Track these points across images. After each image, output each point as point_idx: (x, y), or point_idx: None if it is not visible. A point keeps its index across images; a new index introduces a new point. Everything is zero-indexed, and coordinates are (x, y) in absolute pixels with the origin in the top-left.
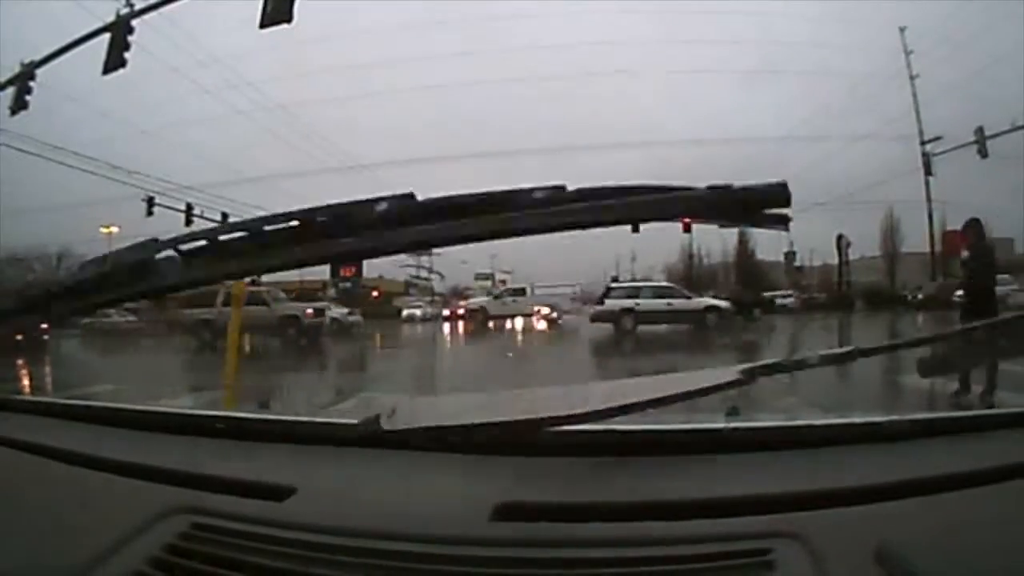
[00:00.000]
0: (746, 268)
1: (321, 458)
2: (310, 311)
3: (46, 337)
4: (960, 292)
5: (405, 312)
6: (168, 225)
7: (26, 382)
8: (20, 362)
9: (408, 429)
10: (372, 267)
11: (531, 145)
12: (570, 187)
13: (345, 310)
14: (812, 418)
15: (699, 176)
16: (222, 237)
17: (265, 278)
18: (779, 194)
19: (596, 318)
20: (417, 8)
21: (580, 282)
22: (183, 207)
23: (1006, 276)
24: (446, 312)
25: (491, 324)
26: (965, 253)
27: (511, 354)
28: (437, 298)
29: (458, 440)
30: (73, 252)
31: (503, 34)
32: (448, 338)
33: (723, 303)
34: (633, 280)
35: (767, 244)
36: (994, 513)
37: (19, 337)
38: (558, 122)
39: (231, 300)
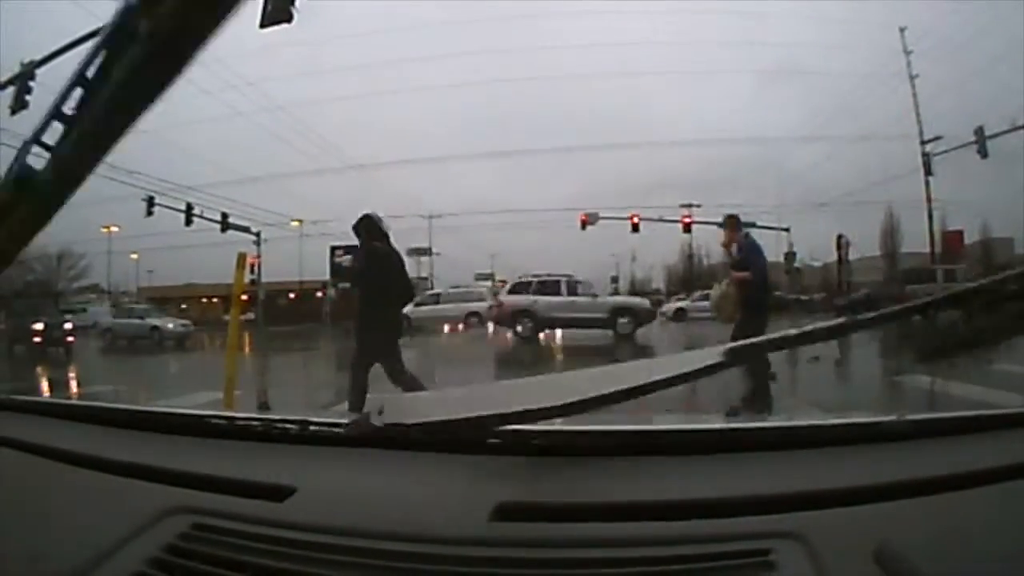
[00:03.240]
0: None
1: (321, 458)
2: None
3: (70, 339)
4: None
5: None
6: (168, 225)
7: None
8: None
9: (408, 429)
10: None
11: (535, 145)
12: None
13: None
14: (812, 418)
15: (702, 175)
16: None
17: (264, 279)
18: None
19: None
20: (419, 8)
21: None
22: (183, 207)
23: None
24: None
25: None
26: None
27: None
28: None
29: (458, 440)
30: (73, 252)
31: (508, 35)
32: None
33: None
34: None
35: (767, 244)
36: (994, 513)
37: (38, 339)
38: (562, 122)
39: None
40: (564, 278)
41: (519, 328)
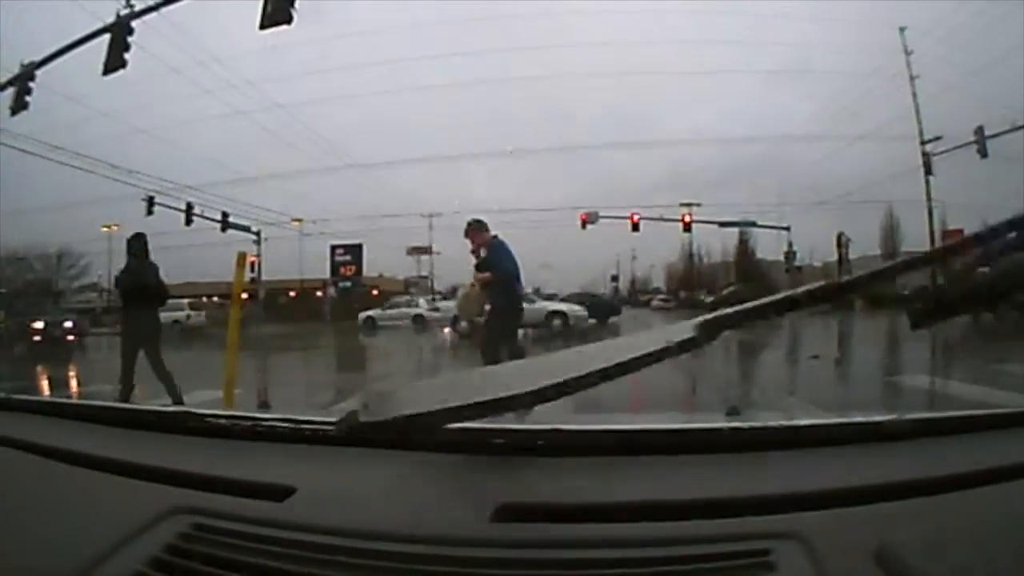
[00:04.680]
0: (746, 268)
1: (321, 458)
2: None
3: (70, 337)
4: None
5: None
6: (168, 225)
7: None
8: None
9: (408, 429)
10: (372, 266)
11: (536, 144)
12: None
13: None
14: (812, 418)
15: (702, 175)
16: None
17: (265, 278)
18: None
19: None
20: (419, 8)
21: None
22: (183, 207)
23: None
24: None
25: None
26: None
27: None
28: (437, 297)
29: (458, 440)
30: (73, 252)
31: (510, 34)
32: None
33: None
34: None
35: (767, 243)
36: (994, 513)
37: (37, 338)
38: (563, 122)
39: (232, 298)
40: None
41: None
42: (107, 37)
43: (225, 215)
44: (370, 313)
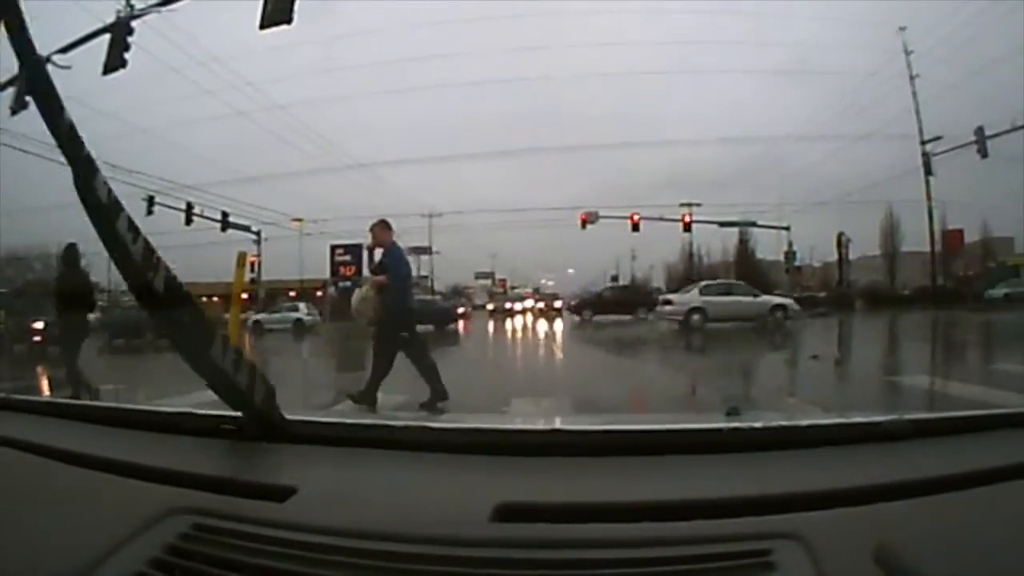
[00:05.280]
0: (746, 267)
1: (321, 458)
2: None
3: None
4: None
5: None
6: (168, 224)
7: None
8: None
9: (408, 429)
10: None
11: (537, 144)
12: None
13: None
14: (812, 418)
15: (703, 174)
16: None
17: (265, 277)
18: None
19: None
20: (421, 8)
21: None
22: (183, 206)
23: None
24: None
25: None
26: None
27: None
28: (437, 296)
29: (458, 440)
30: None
31: (511, 34)
32: None
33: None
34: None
35: (767, 243)
36: (994, 513)
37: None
38: (564, 122)
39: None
40: None
41: None
42: (107, 36)
43: (225, 215)
44: (257, 317)
